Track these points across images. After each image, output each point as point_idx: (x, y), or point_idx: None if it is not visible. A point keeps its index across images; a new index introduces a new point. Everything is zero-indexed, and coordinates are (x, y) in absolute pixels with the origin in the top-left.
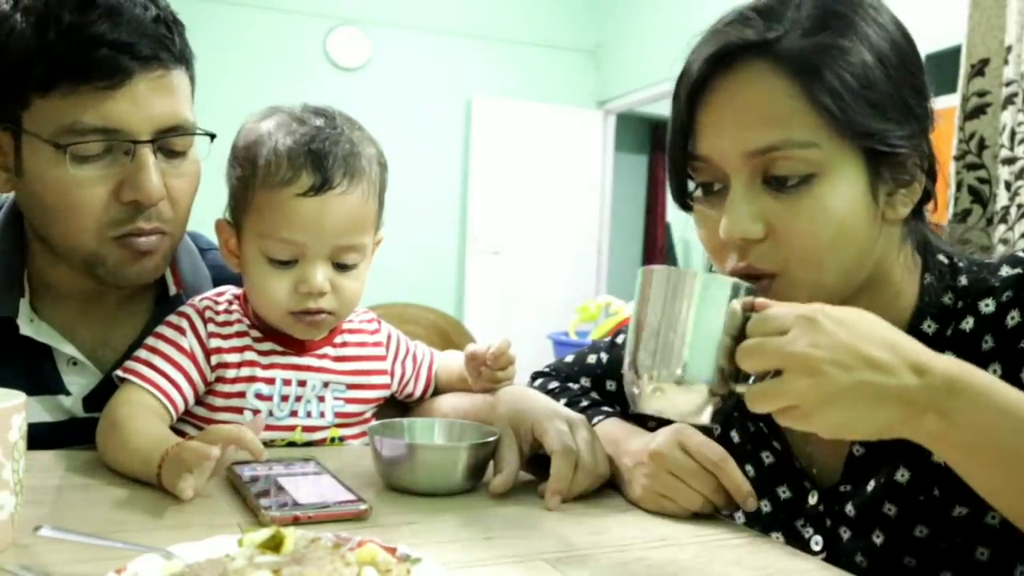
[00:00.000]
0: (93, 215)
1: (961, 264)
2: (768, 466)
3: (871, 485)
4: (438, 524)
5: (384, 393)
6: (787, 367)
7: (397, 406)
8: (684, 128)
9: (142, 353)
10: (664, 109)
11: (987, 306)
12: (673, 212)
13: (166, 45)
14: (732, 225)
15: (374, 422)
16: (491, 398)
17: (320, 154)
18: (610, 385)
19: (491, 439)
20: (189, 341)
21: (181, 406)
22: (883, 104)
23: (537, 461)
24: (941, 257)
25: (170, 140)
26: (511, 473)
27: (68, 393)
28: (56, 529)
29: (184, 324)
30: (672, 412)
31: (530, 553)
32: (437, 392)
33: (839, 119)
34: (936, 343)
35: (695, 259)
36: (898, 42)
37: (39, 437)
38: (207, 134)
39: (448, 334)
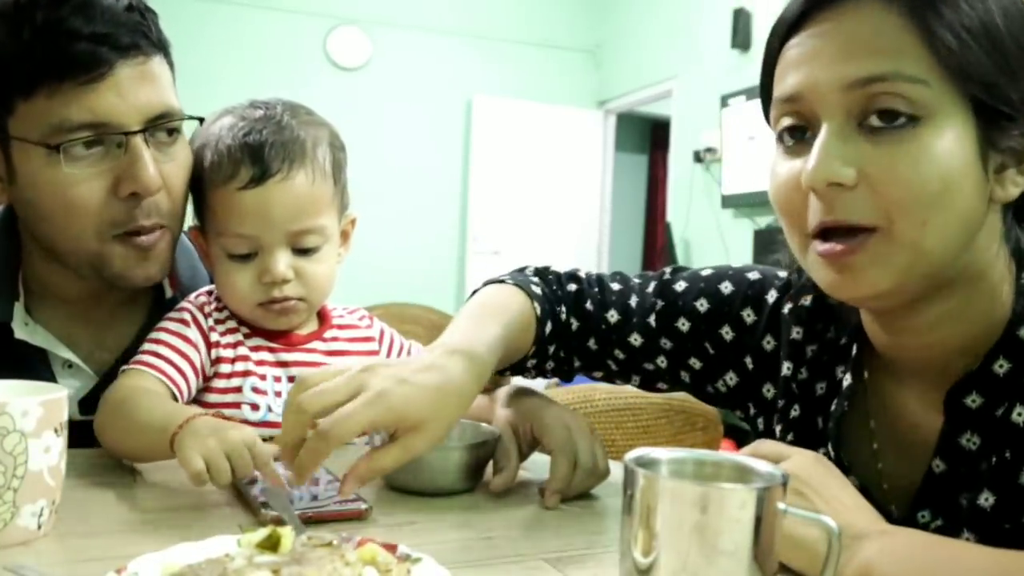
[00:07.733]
0: (92, 214)
1: None
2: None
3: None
4: (438, 524)
5: None
6: None
7: None
8: (771, 70)
9: (147, 346)
10: (664, 109)
11: None
12: (673, 212)
13: (143, 32)
14: (819, 168)
15: None
16: (490, 397)
17: (256, 146)
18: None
19: (491, 439)
20: (193, 332)
21: (186, 394)
22: (1004, 57)
23: None
24: None
25: (159, 128)
26: (511, 473)
27: None
28: None
29: (187, 317)
30: None
31: (530, 553)
32: None
33: (952, 60)
34: None
35: (695, 259)
36: None
37: None
38: (195, 118)
39: None
